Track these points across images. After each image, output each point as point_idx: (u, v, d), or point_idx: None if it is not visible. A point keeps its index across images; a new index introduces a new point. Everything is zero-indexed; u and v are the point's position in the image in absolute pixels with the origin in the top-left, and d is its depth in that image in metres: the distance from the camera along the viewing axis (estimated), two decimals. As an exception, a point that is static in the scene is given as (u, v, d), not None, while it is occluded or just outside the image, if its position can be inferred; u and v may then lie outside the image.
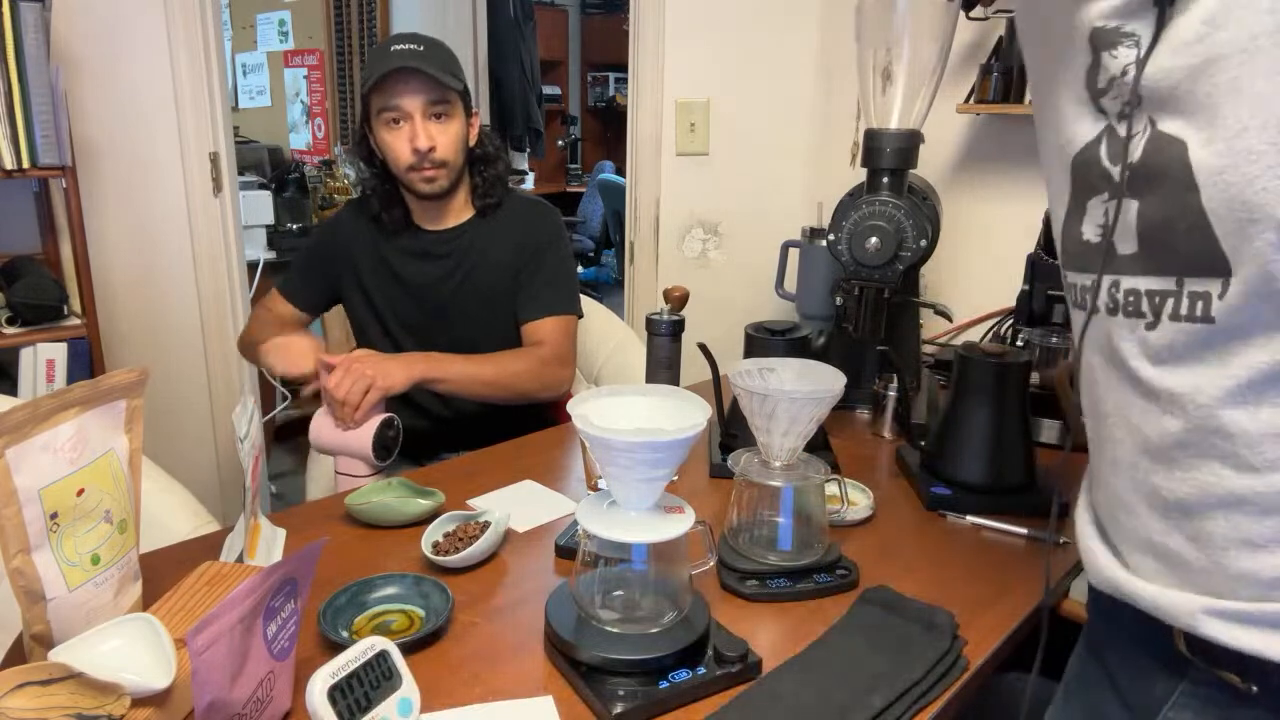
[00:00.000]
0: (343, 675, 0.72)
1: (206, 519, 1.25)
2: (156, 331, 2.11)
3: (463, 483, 1.26)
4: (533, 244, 1.58)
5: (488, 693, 0.81)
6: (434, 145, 1.45)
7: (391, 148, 1.47)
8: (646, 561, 0.86)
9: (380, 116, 1.45)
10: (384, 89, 1.43)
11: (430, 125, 1.45)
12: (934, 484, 1.22)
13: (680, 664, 0.81)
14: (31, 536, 0.75)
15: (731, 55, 2.19)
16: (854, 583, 0.99)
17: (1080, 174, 0.63)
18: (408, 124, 1.44)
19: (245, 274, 2.25)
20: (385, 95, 1.43)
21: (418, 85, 1.42)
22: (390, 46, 1.44)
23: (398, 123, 1.45)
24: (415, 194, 1.52)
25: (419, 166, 1.47)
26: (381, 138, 1.47)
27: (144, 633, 0.75)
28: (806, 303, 1.86)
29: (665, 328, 1.37)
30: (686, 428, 0.76)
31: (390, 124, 1.45)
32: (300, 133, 4.52)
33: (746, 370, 0.99)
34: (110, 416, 0.83)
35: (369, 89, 1.43)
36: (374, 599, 0.94)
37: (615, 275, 5.99)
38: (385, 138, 1.47)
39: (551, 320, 1.56)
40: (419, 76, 1.41)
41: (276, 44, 4.52)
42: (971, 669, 0.86)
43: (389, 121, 1.45)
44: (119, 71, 1.96)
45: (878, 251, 1.39)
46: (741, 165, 2.23)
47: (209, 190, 2.10)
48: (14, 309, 1.80)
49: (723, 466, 1.26)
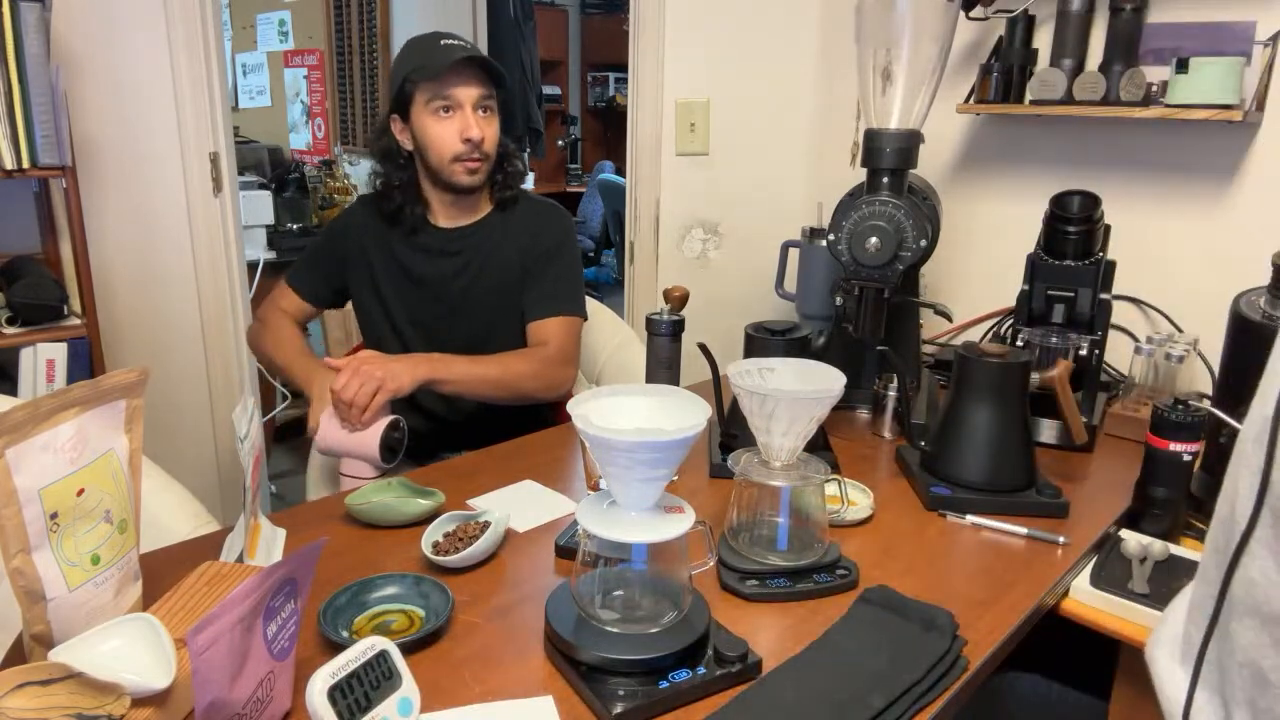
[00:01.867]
0: (343, 675, 0.72)
1: (206, 519, 1.25)
2: (156, 331, 2.11)
3: (463, 483, 1.26)
4: (543, 244, 1.59)
5: (488, 693, 0.81)
6: (484, 137, 1.48)
7: (440, 137, 1.48)
8: (646, 561, 0.86)
9: (430, 105, 1.46)
10: (437, 79, 1.44)
11: (479, 117, 1.48)
12: (934, 484, 1.22)
13: (680, 664, 0.81)
14: (31, 536, 0.75)
15: (731, 55, 2.19)
16: (854, 583, 0.99)
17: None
18: (458, 114, 1.46)
19: (245, 274, 2.25)
20: (438, 85, 1.45)
21: (470, 76, 1.46)
22: (438, 41, 1.46)
23: (448, 111, 1.46)
24: (452, 186, 1.53)
25: (466, 157, 1.48)
26: (427, 127, 1.48)
27: (144, 633, 0.75)
28: (806, 303, 1.86)
29: (665, 328, 1.37)
30: (686, 428, 0.76)
31: (439, 113, 1.47)
32: (300, 133, 4.52)
33: (746, 370, 0.99)
34: (110, 416, 0.83)
35: (421, 79, 1.45)
36: (374, 599, 0.94)
37: (615, 275, 5.99)
38: (433, 127, 1.47)
39: (557, 320, 1.57)
40: (472, 68, 1.45)
41: (276, 44, 4.52)
42: (971, 669, 0.86)
43: (438, 110, 1.46)
44: (119, 71, 1.96)
45: (878, 251, 1.39)
46: (741, 165, 2.23)
47: (209, 190, 2.10)
48: (14, 309, 1.80)
49: (723, 466, 1.26)
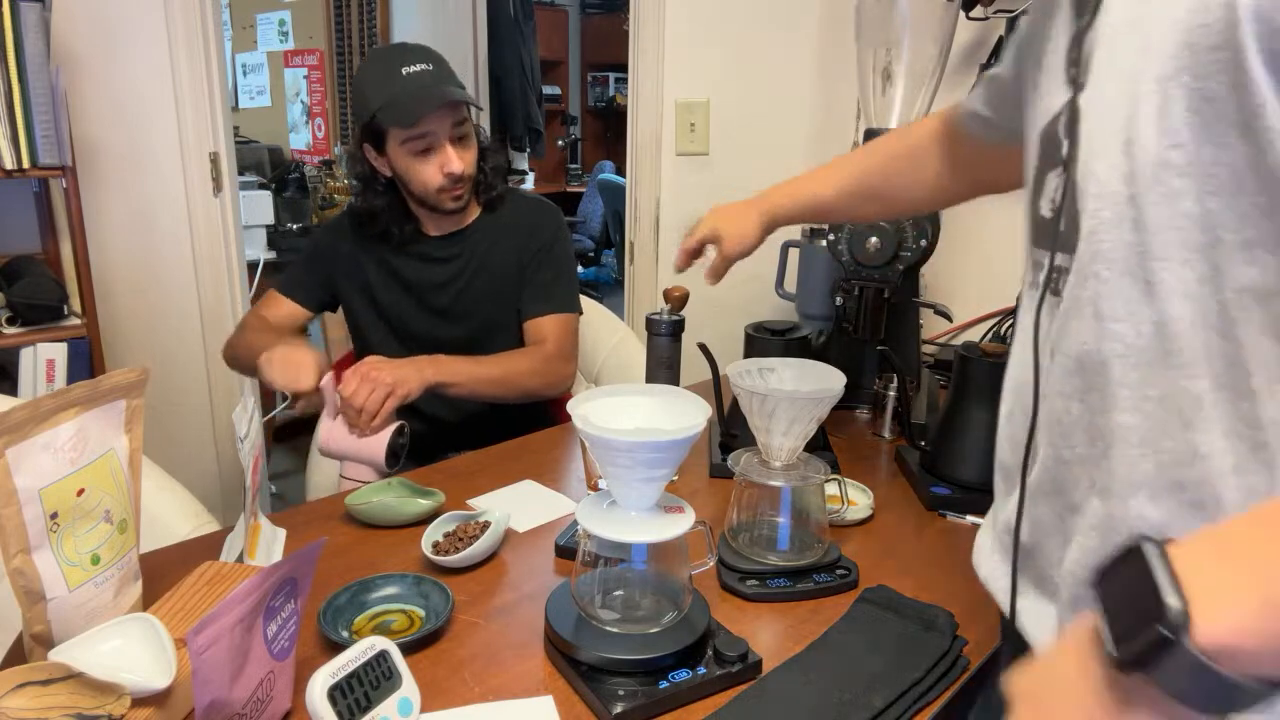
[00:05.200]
0: (343, 675, 0.72)
1: (206, 519, 1.25)
2: (156, 331, 2.11)
3: (463, 483, 1.26)
4: (536, 242, 1.59)
5: (488, 693, 0.81)
6: (464, 168, 1.46)
7: (420, 175, 1.45)
8: (646, 561, 0.86)
9: (406, 146, 1.43)
10: (407, 119, 1.40)
11: (457, 149, 1.45)
12: (934, 484, 1.22)
13: (680, 664, 0.81)
14: (31, 536, 0.75)
15: (731, 55, 2.19)
16: (854, 583, 0.99)
17: (1044, 147, 0.63)
18: (436, 151, 1.44)
19: (245, 274, 2.25)
20: (410, 125, 1.40)
21: (443, 110, 1.41)
22: (400, 69, 1.40)
23: (427, 151, 1.44)
24: (439, 209, 1.51)
25: (449, 188, 1.47)
26: (406, 165, 1.45)
27: (144, 633, 0.75)
28: (806, 303, 1.86)
29: (665, 328, 1.37)
30: (686, 428, 0.76)
31: (417, 154, 1.44)
32: (300, 133, 4.52)
33: (746, 370, 0.99)
34: (110, 416, 0.83)
35: (389, 119, 1.40)
36: (374, 599, 0.94)
37: (615, 275, 5.99)
38: (412, 166, 1.45)
39: (554, 317, 1.57)
40: (442, 100, 1.40)
41: (276, 44, 4.52)
42: (971, 669, 0.86)
43: (415, 151, 1.43)
44: (119, 71, 1.96)
45: (878, 251, 1.39)
46: (741, 165, 2.23)
47: (209, 190, 2.10)
48: (14, 309, 1.80)
49: (723, 466, 1.26)
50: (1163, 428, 0.52)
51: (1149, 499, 0.53)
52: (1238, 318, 0.49)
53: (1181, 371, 0.51)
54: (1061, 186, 0.59)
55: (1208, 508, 0.51)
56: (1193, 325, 0.50)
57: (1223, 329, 0.49)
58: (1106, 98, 0.54)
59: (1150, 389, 0.52)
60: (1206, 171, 0.48)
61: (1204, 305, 0.49)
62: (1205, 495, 0.51)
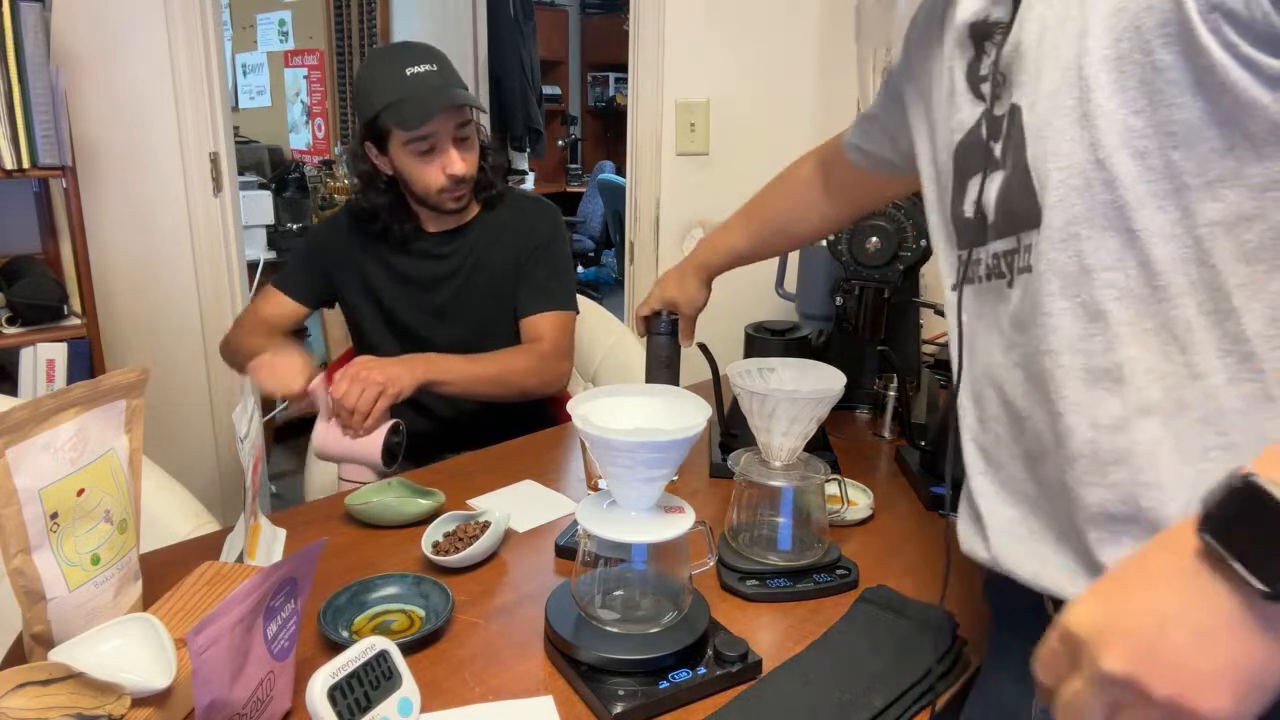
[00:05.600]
0: (343, 675, 0.72)
1: (206, 519, 1.25)
2: (156, 331, 2.11)
3: (463, 483, 1.26)
4: (534, 240, 1.59)
5: (488, 693, 0.81)
6: (467, 168, 1.46)
7: (423, 175, 1.45)
8: (646, 561, 0.86)
9: (409, 146, 1.43)
10: (412, 121, 1.39)
11: (460, 150, 1.45)
12: (934, 484, 1.22)
13: (680, 664, 0.81)
14: (31, 536, 0.75)
15: (731, 55, 2.19)
16: (854, 583, 0.99)
17: (961, 158, 0.72)
18: (439, 152, 1.44)
19: (245, 274, 2.25)
20: (414, 127, 1.40)
21: (447, 112, 1.41)
22: (405, 69, 1.40)
23: (430, 152, 1.44)
24: (439, 209, 1.52)
25: (451, 189, 1.47)
26: (408, 165, 1.45)
27: (144, 633, 0.75)
28: (806, 303, 1.86)
29: (665, 327, 1.37)
30: (686, 428, 0.76)
31: (420, 154, 1.44)
32: (300, 133, 4.52)
33: (746, 370, 0.99)
34: (110, 416, 0.83)
35: (393, 120, 1.40)
36: (374, 599, 0.94)
37: (615, 275, 5.99)
38: (414, 166, 1.45)
39: (550, 315, 1.57)
40: (448, 103, 1.40)
41: (276, 44, 4.52)
42: (971, 669, 0.86)
43: (418, 151, 1.43)
44: (119, 71, 1.96)
45: (878, 251, 1.39)
46: (741, 165, 2.23)
47: (209, 190, 2.10)
48: (14, 309, 1.80)
49: (723, 466, 1.26)
50: (1163, 354, 0.58)
51: (1160, 422, 0.58)
52: (1212, 249, 0.55)
53: (1171, 303, 0.57)
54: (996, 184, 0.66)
55: (1211, 421, 0.57)
56: (1174, 261, 0.56)
57: (1200, 259, 0.56)
58: (1046, 90, 0.61)
59: (1146, 322, 0.58)
60: (1166, 130, 0.55)
61: (1181, 243, 0.56)
62: (1209, 409, 0.57)
